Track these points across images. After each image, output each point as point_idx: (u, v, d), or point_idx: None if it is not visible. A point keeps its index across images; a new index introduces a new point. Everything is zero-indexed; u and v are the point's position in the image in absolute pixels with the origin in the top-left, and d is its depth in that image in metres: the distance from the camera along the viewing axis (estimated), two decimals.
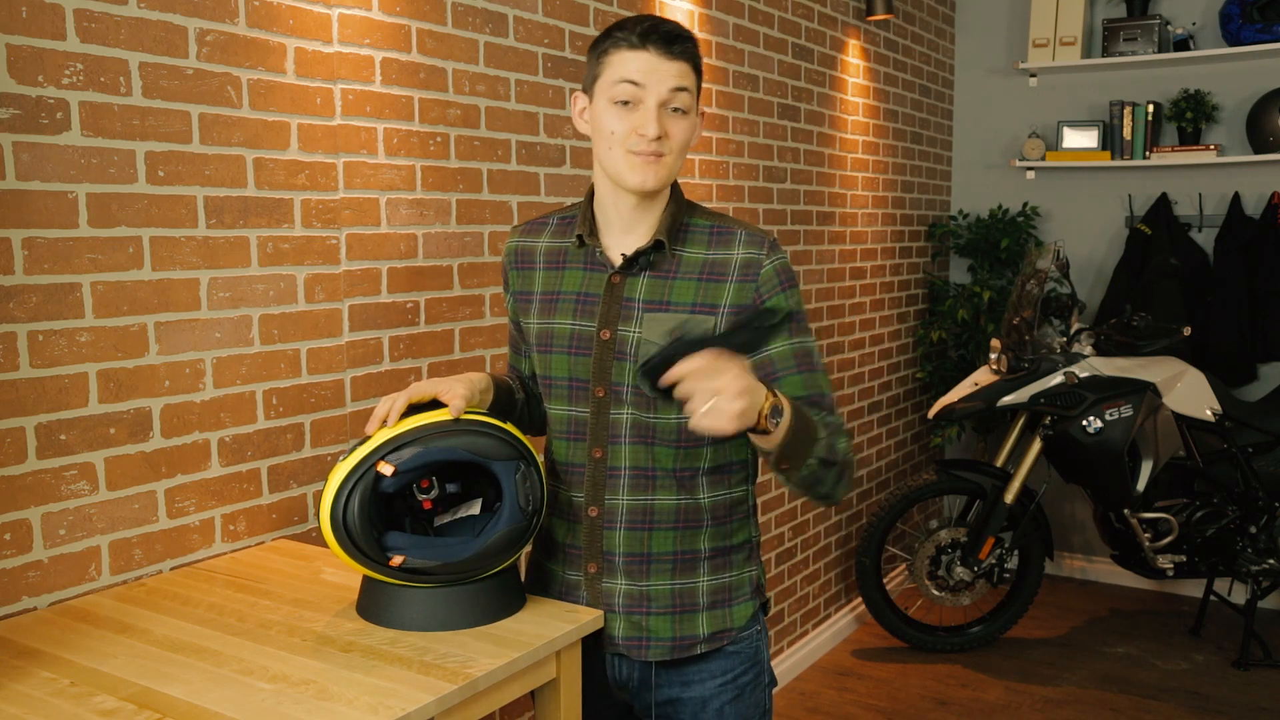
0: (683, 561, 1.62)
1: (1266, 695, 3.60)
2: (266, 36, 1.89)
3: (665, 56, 1.49)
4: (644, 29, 1.50)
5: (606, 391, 1.58)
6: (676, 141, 1.52)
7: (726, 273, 1.56)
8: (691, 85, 1.53)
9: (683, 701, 1.66)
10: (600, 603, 1.62)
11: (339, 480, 1.46)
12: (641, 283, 1.58)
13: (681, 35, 1.51)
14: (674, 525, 1.61)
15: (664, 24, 1.51)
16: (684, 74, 1.51)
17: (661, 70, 1.49)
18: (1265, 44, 4.15)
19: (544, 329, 1.63)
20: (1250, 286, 4.24)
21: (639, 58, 1.49)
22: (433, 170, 2.25)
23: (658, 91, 1.49)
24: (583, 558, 1.63)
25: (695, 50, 1.54)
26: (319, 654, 1.42)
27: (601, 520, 1.60)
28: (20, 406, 1.57)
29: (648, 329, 1.55)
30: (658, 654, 1.62)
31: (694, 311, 1.55)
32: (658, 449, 1.58)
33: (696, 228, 1.61)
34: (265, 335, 1.93)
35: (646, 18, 1.52)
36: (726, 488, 1.64)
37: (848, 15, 3.92)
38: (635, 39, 1.50)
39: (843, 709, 3.51)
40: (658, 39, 1.49)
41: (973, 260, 4.80)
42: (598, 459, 1.60)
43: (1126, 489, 3.71)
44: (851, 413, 4.10)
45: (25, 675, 1.37)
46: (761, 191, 3.44)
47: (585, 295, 1.60)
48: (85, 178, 1.64)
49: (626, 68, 1.50)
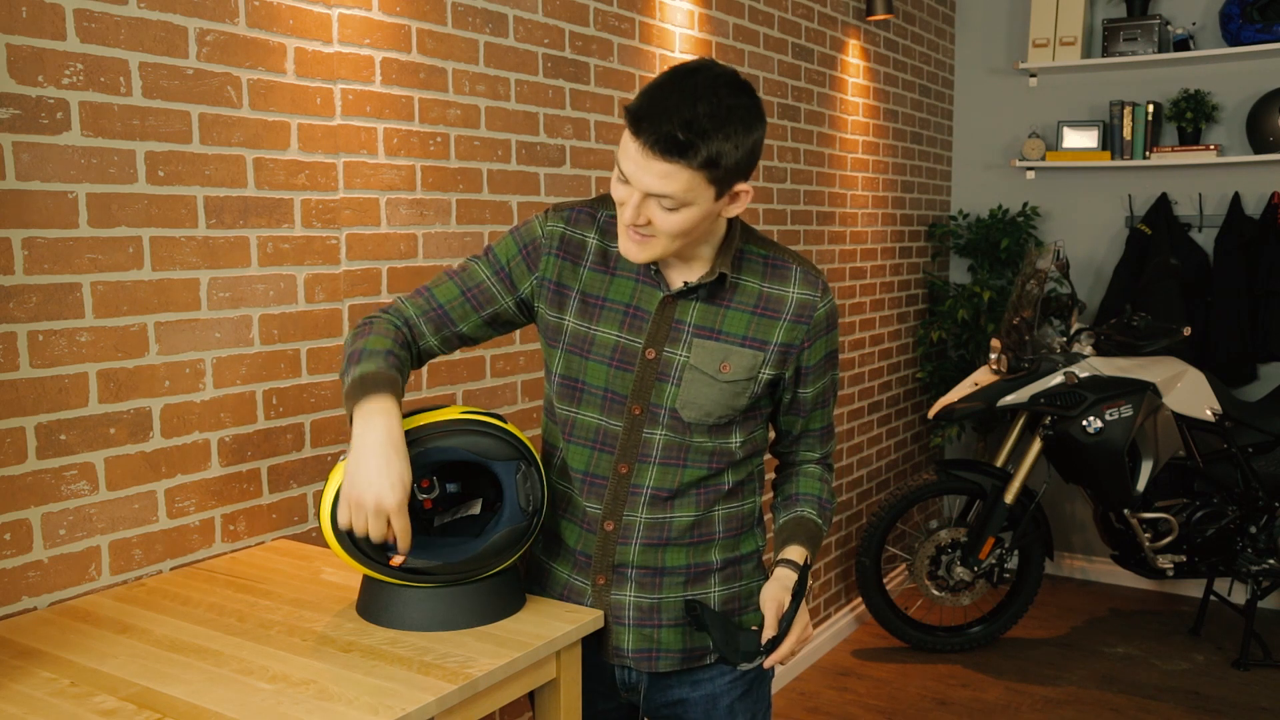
0: (695, 574, 1.62)
1: (1266, 695, 3.60)
2: (266, 36, 1.89)
3: (651, 157, 1.36)
4: (637, 112, 1.37)
5: (643, 410, 1.56)
6: (662, 230, 1.43)
7: (781, 311, 1.55)
8: (681, 190, 1.38)
9: (691, 701, 1.66)
10: (608, 613, 1.61)
11: (339, 480, 1.46)
12: (694, 307, 1.55)
13: (677, 143, 1.34)
14: (689, 540, 1.61)
15: (666, 122, 1.34)
16: (669, 177, 1.36)
17: (646, 169, 1.37)
18: (1265, 44, 4.15)
19: (583, 332, 1.57)
20: (1250, 286, 4.24)
21: (633, 144, 1.38)
22: (433, 170, 2.25)
23: (641, 185, 1.39)
24: (592, 568, 1.61)
25: (693, 157, 1.36)
26: (319, 654, 1.42)
27: (616, 535, 1.59)
28: (20, 406, 1.57)
29: (696, 356, 1.53)
30: (667, 665, 1.63)
31: (744, 344, 1.54)
32: (687, 469, 1.57)
33: (752, 256, 1.57)
34: (265, 335, 1.93)
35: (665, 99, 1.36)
36: (739, 501, 1.65)
37: (848, 15, 3.92)
38: (633, 123, 1.37)
39: (843, 709, 3.51)
40: (650, 137, 1.35)
41: (973, 260, 4.80)
42: (623, 474, 1.58)
43: (1126, 489, 3.71)
44: (851, 413, 4.11)
45: (25, 675, 1.37)
46: (761, 191, 3.44)
47: (635, 309, 1.56)
48: (85, 178, 1.64)
49: (623, 149, 1.40)
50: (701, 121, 1.35)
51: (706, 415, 1.55)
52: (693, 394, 1.54)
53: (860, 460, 4.21)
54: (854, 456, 4.15)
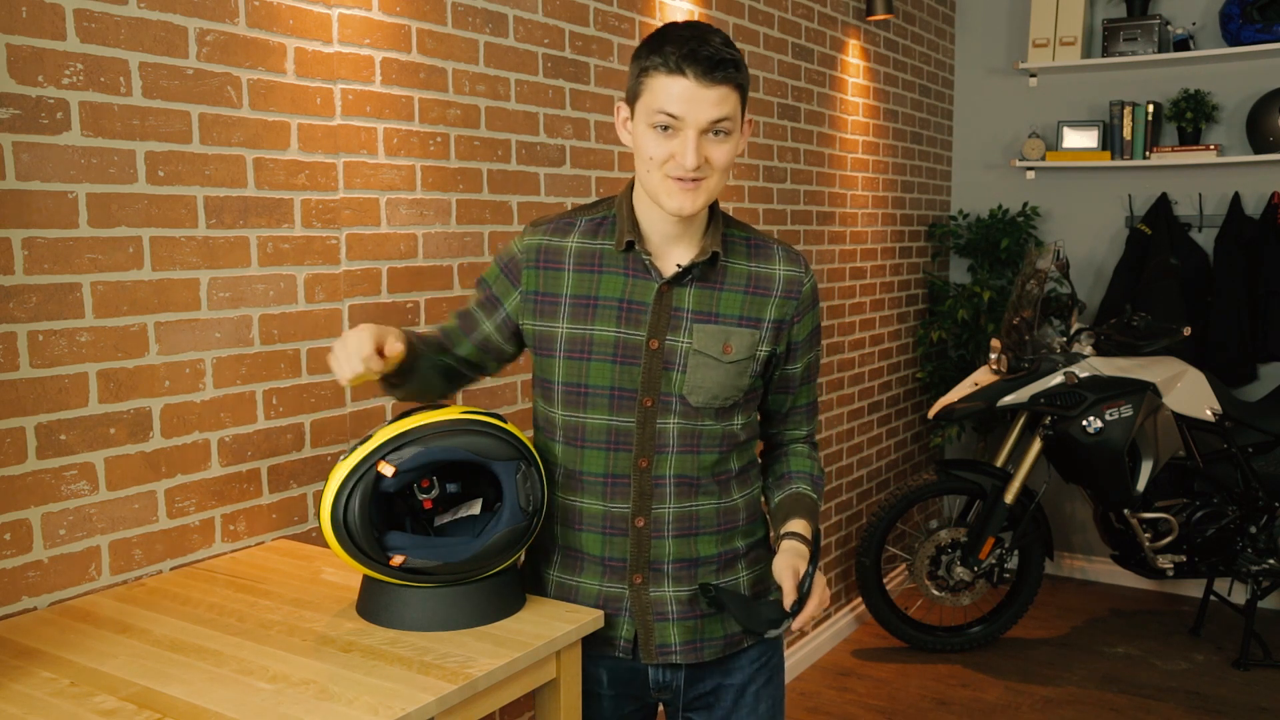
0: (725, 561, 1.65)
1: (1266, 695, 3.60)
2: (266, 36, 1.89)
3: (705, 84, 1.43)
4: (683, 54, 1.43)
5: (655, 401, 1.57)
6: (718, 166, 1.49)
7: (771, 288, 1.60)
8: (733, 110, 1.47)
9: (724, 688, 1.70)
10: (650, 612, 1.62)
11: (339, 480, 1.46)
12: (689, 293, 1.58)
13: (724, 60, 1.44)
14: (716, 528, 1.64)
15: (704, 47, 1.43)
16: (724, 99, 1.45)
17: (700, 99, 1.43)
18: (1265, 44, 4.15)
19: (580, 335, 1.57)
20: (1250, 286, 4.24)
21: (677, 84, 1.43)
22: (433, 170, 2.25)
23: (697, 121, 1.44)
24: (627, 569, 1.62)
25: (739, 73, 1.46)
26: (319, 654, 1.42)
27: (649, 530, 1.60)
28: (20, 406, 1.57)
29: (699, 340, 1.56)
30: (712, 653, 1.66)
31: (741, 324, 1.58)
32: (703, 455, 1.60)
33: (734, 239, 1.63)
34: (265, 335, 1.93)
35: (689, 36, 1.45)
36: (749, 486, 1.69)
37: (848, 15, 3.92)
38: (674, 64, 1.43)
39: (843, 709, 3.51)
40: (697, 66, 1.42)
41: (973, 260, 4.80)
42: (644, 469, 1.59)
43: (1126, 489, 3.70)
44: (851, 413, 4.11)
45: (25, 675, 1.37)
46: (761, 191, 3.44)
47: (630, 303, 1.57)
48: (85, 178, 1.64)
49: (664, 95, 1.44)
50: (729, 48, 1.46)
51: (714, 398, 1.57)
52: (700, 378, 1.56)
53: (860, 460, 4.21)
54: (854, 456, 4.15)
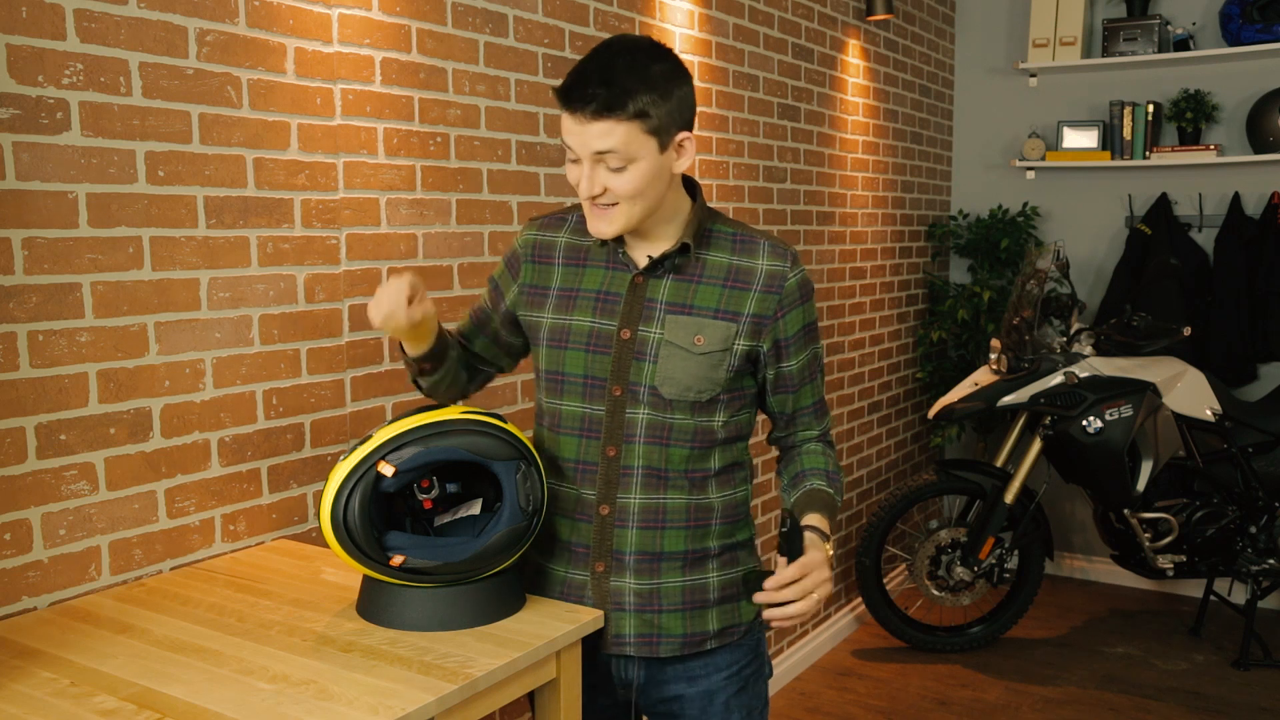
0: (693, 559, 1.63)
1: (1266, 695, 3.60)
2: (266, 36, 1.89)
3: (580, 120, 1.44)
4: (563, 88, 1.44)
5: (624, 391, 1.58)
6: (622, 194, 1.49)
7: (751, 282, 1.59)
8: (622, 143, 1.44)
9: (688, 698, 1.67)
10: (608, 601, 1.62)
11: (339, 480, 1.46)
12: (665, 285, 1.59)
13: (596, 96, 1.41)
14: (685, 524, 1.62)
15: (581, 85, 1.42)
16: (608, 133, 1.43)
17: (581, 133, 1.45)
18: (1265, 44, 4.15)
19: (560, 325, 1.62)
20: (1250, 286, 4.24)
21: (565, 118, 1.46)
22: (433, 170, 2.25)
23: (585, 153, 1.47)
24: (590, 556, 1.62)
25: (624, 108, 1.42)
26: (319, 654, 1.42)
27: (613, 518, 1.61)
28: (20, 406, 1.57)
29: (670, 331, 1.56)
30: (669, 650, 1.63)
31: (716, 316, 1.57)
32: (672, 449, 1.59)
33: (719, 234, 1.62)
34: (265, 335, 1.93)
35: (580, 69, 1.45)
36: (733, 488, 1.67)
37: (848, 15, 3.92)
38: (560, 97, 1.45)
39: (843, 709, 3.51)
40: (570, 104, 1.44)
41: (973, 260, 4.80)
42: (611, 457, 1.60)
43: (1126, 489, 3.71)
44: (851, 413, 4.11)
45: (25, 675, 1.37)
46: (761, 191, 3.44)
47: (606, 294, 1.60)
48: (85, 178, 1.64)
49: (564, 130, 1.48)
50: (621, 77, 1.42)
51: (686, 390, 1.57)
52: (670, 369, 1.56)
53: (860, 460, 4.21)
54: (854, 456, 4.15)
